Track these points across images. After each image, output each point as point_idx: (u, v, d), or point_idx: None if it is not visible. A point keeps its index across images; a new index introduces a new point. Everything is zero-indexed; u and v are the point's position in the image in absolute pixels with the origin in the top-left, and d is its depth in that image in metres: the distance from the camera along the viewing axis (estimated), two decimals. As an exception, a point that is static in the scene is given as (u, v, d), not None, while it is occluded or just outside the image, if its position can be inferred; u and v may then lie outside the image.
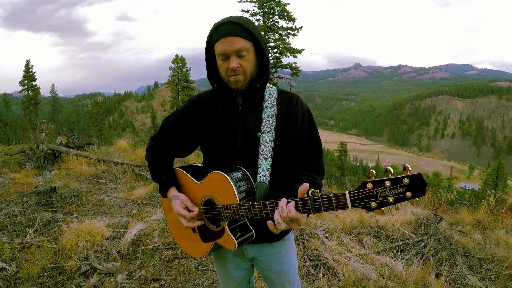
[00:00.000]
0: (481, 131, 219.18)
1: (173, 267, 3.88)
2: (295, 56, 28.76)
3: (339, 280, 3.50)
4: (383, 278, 3.44)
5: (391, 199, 1.21)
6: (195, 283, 3.58)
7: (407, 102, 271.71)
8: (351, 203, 1.28)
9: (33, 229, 4.56)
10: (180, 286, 3.52)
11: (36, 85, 54.60)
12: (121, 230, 4.67)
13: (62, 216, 5.13)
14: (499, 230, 5.36)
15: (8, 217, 4.93)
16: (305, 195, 1.39)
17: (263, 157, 1.63)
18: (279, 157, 1.67)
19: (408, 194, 1.19)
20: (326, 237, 4.52)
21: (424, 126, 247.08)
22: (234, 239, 1.61)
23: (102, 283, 3.45)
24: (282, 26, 28.97)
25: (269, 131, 1.65)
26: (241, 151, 1.68)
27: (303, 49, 28.67)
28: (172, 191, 1.80)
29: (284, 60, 29.33)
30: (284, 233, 1.85)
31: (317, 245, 4.20)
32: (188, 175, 1.79)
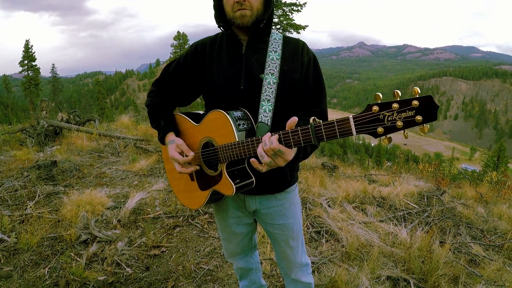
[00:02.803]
0: (484, 114, 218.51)
1: (175, 234, 3.85)
2: (298, 33, 28.26)
3: (342, 245, 3.47)
4: (387, 245, 3.40)
5: (399, 123, 1.11)
6: (197, 249, 3.55)
7: (410, 82, 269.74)
8: (356, 129, 1.18)
9: (34, 201, 4.51)
10: (181, 252, 3.49)
11: (36, 65, 54.26)
12: (122, 200, 4.62)
13: (62, 189, 5.09)
14: (502, 204, 5.32)
15: (8, 191, 4.87)
16: (293, 128, 1.32)
17: (265, 98, 1.57)
18: (283, 100, 1.61)
19: (418, 118, 1.07)
20: (329, 206, 4.48)
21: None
22: (232, 183, 1.53)
23: (102, 251, 3.42)
24: (285, 2, 28.34)
25: (273, 73, 1.59)
26: (244, 92, 1.62)
27: (307, 26, 28.12)
28: (170, 136, 1.72)
29: (288, 37, 28.90)
30: (287, 184, 1.79)
31: (320, 212, 4.16)
32: (188, 119, 1.72)
